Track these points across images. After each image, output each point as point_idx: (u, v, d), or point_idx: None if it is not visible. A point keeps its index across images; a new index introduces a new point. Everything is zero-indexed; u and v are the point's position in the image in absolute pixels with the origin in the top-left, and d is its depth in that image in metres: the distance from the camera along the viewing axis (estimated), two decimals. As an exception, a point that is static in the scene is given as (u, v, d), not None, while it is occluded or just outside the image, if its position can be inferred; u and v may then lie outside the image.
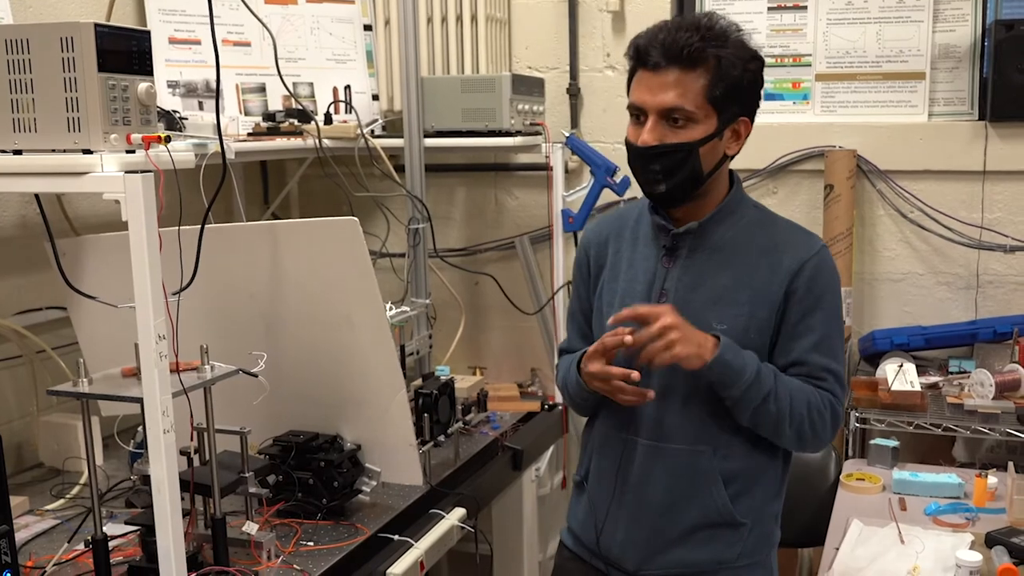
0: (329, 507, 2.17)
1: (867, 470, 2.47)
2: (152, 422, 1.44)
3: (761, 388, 1.73)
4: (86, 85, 1.39)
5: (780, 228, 1.87)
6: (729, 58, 1.72)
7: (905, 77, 3.10)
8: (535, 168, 3.48)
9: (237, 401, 1.97)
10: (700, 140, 1.73)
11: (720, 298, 1.81)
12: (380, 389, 2.24)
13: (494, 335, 3.66)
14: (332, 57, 3.39)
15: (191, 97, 3.12)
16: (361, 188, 3.25)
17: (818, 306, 1.79)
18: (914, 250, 3.12)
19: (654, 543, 1.87)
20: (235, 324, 2.21)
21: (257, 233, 2.17)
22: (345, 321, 2.19)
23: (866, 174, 3.11)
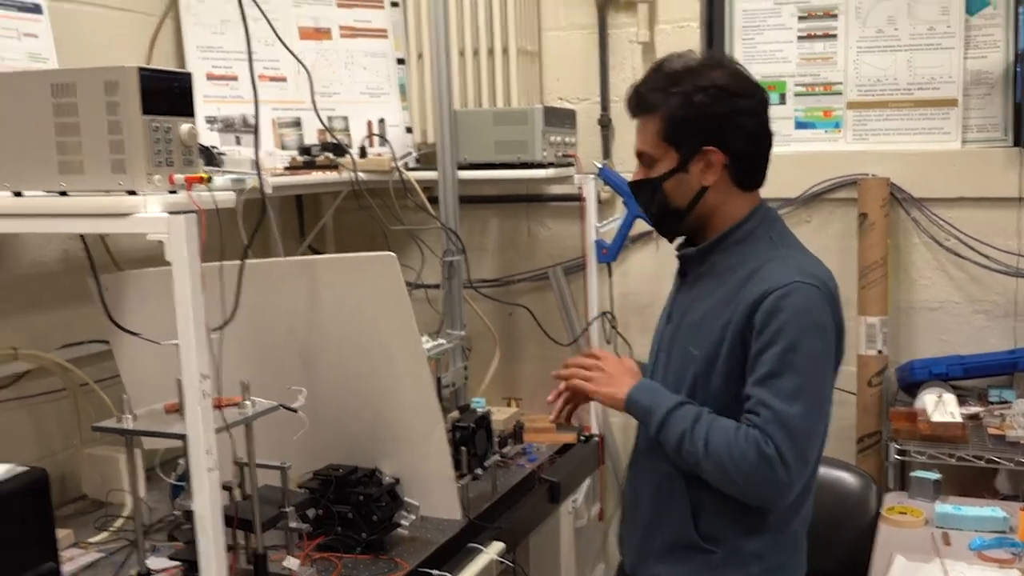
0: (368, 541, 2.16)
1: (908, 503, 2.42)
2: (196, 460, 1.43)
3: (674, 429, 1.80)
4: (130, 127, 1.40)
5: (771, 260, 1.81)
6: (674, 98, 1.82)
7: (937, 104, 3.07)
8: (567, 199, 3.46)
9: (276, 435, 1.96)
10: (661, 176, 1.86)
11: (700, 324, 1.86)
12: (418, 423, 2.22)
13: (528, 366, 3.64)
14: (366, 91, 3.41)
15: (228, 132, 3.14)
16: (396, 220, 3.25)
17: (774, 341, 1.72)
18: (950, 278, 3.08)
19: (643, 551, 1.99)
20: (274, 359, 2.20)
21: (295, 269, 2.17)
22: (383, 355, 2.18)
23: (900, 202, 3.08)
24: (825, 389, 1.77)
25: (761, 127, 1.87)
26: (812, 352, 1.72)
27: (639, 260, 3.45)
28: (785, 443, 1.68)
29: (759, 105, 1.86)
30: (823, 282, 1.77)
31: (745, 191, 1.89)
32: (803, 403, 1.70)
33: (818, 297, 1.74)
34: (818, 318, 1.74)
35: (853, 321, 2.97)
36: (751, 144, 1.85)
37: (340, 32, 3.34)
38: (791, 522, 1.86)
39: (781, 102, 3.23)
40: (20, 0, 2.36)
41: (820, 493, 2.04)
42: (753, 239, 1.86)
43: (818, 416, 1.75)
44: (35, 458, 2.52)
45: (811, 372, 1.72)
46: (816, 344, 1.73)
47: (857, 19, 3.13)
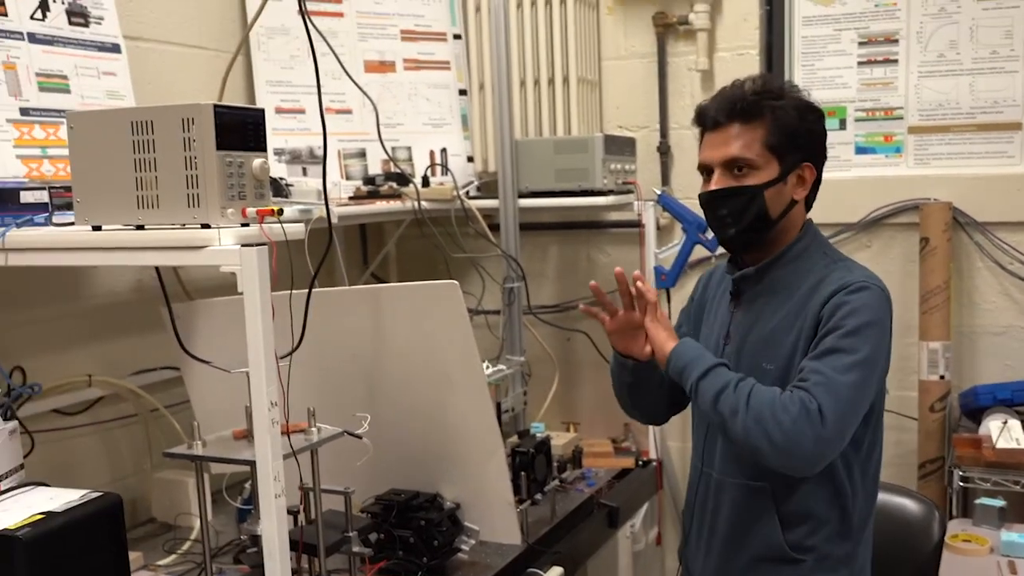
0: (429, 566, 2.18)
1: (972, 531, 2.38)
2: (264, 486, 1.46)
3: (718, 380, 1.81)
4: (205, 163, 1.44)
5: (835, 270, 1.88)
6: (785, 108, 1.88)
7: (1000, 128, 3.03)
8: (626, 225, 3.47)
9: (339, 460, 1.99)
10: (764, 184, 1.87)
11: (769, 339, 1.89)
12: (479, 448, 2.24)
13: (587, 390, 3.64)
14: (428, 121, 3.46)
15: (296, 164, 3.21)
16: (457, 247, 3.29)
17: (839, 326, 1.77)
18: (1015, 302, 3.02)
19: (723, 570, 1.97)
20: (338, 384, 2.24)
21: (361, 297, 2.22)
22: (445, 381, 2.20)
23: (963, 226, 3.03)
24: (876, 378, 1.81)
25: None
26: (872, 340, 1.77)
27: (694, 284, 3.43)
28: (829, 403, 1.70)
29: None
30: (884, 287, 1.85)
31: (807, 210, 1.97)
32: (852, 376, 1.74)
33: (883, 299, 1.82)
34: (882, 315, 1.80)
35: (915, 347, 2.94)
36: (822, 163, 1.95)
37: (404, 65, 3.40)
38: (870, 519, 1.90)
39: (841, 127, 3.21)
40: (100, 40, 2.44)
41: (882, 520, 2.06)
42: (808, 255, 1.92)
43: (861, 395, 1.77)
44: (107, 482, 2.59)
45: (867, 356, 1.76)
46: (876, 336, 1.78)
47: (918, 43, 3.10)
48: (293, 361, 1.84)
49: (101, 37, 2.46)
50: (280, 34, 3.18)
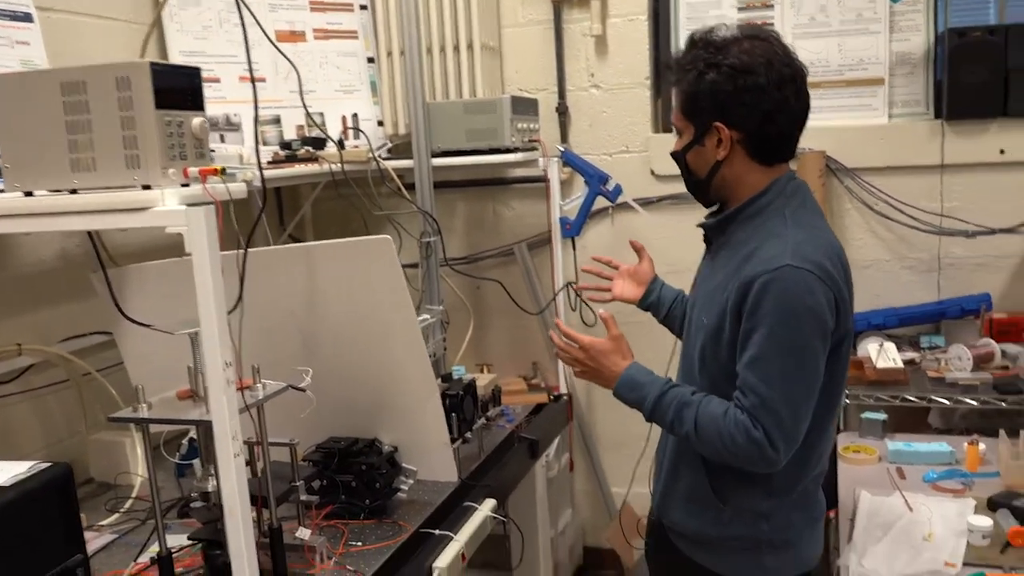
0: (372, 507, 2.06)
1: (860, 442, 2.39)
2: (222, 446, 1.31)
3: (663, 418, 1.73)
4: (144, 123, 1.27)
5: (774, 237, 1.64)
6: (690, 74, 1.70)
7: (866, 83, 3.03)
8: (528, 180, 3.38)
9: (280, 414, 1.85)
10: (683, 148, 1.76)
11: (711, 296, 1.74)
12: (414, 394, 2.13)
13: (498, 334, 3.55)
14: (340, 88, 3.27)
15: (213, 131, 2.99)
16: (375, 207, 3.13)
17: (760, 324, 1.58)
18: (879, 239, 3.05)
19: (665, 499, 1.89)
20: (276, 341, 2.08)
21: (295, 255, 2.05)
22: (381, 332, 2.07)
23: (834, 172, 3.03)
24: (812, 370, 1.61)
25: (777, 103, 1.65)
26: (797, 338, 1.57)
27: (596, 234, 3.37)
28: (773, 428, 1.58)
29: (775, 82, 1.65)
30: (817, 265, 1.58)
31: (765, 165, 1.71)
32: (787, 386, 1.58)
33: (808, 280, 1.56)
34: (807, 302, 1.56)
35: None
36: (764, 121, 1.66)
37: (314, 34, 3.20)
38: (799, 483, 1.74)
39: (722, 85, 3.16)
40: (12, 9, 2.19)
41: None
42: (767, 213, 1.69)
43: (804, 396, 1.61)
44: (42, 447, 2.40)
45: (794, 358, 1.58)
46: (801, 329, 1.57)
47: (792, 7, 3.07)
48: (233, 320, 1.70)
49: (13, 6, 2.21)
50: (192, 5, 2.95)
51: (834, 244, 1.69)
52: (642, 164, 3.30)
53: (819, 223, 1.73)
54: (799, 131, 1.74)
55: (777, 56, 1.68)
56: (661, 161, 3.24)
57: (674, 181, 3.21)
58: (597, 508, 3.59)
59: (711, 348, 1.72)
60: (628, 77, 3.27)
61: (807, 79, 1.73)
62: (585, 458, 3.55)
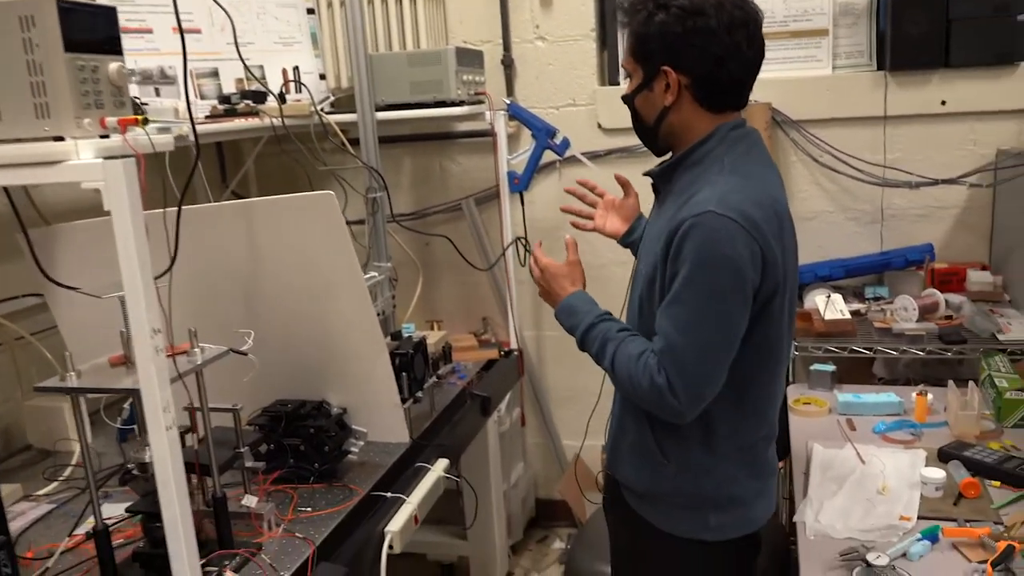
0: (321, 471, 1.94)
1: (810, 394, 2.32)
2: (153, 419, 1.18)
3: (589, 349, 1.67)
4: (52, 67, 1.11)
5: (708, 184, 1.52)
6: (639, 15, 1.59)
7: (810, 34, 2.92)
8: (476, 135, 3.23)
9: (224, 377, 1.71)
10: (632, 92, 1.65)
11: (650, 243, 1.64)
12: (362, 354, 2.00)
13: (447, 290, 3.43)
14: (279, 40, 3.07)
15: (147, 84, 2.78)
16: (317, 162, 2.97)
17: (679, 269, 1.48)
18: (824, 190, 2.97)
19: (614, 452, 1.80)
20: (217, 303, 1.94)
21: (234, 212, 1.90)
22: (326, 291, 1.94)
23: (780, 124, 2.94)
24: (725, 322, 1.49)
25: (728, 48, 1.52)
26: (712, 286, 1.47)
27: (544, 188, 3.24)
28: (676, 375, 1.49)
29: (726, 25, 1.51)
30: (742, 214, 1.45)
31: (713, 112, 1.58)
32: (695, 336, 1.49)
33: (729, 229, 1.44)
34: (725, 251, 1.44)
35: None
36: (713, 66, 1.53)
37: (251, -17, 2.98)
38: (742, 441, 1.64)
39: (668, 37, 3.04)
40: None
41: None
42: (708, 161, 1.57)
43: (714, 346, 1.50)
44: (-26, 413, 2.22)
45: (707, 306, 1.48)
46: (717, 278, 1.46)
47: (737, -44, 2.94)
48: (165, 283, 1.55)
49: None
50: (120, -49, 2.71)
51: (771, 194, 1.56)
52: (589, 117, 3.17)
53: (760, 172, 1.60)
54: (751, 79, 1.62)
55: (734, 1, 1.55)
56: (608, 114, 3.12)
57: (622, 134, 3.11)
58: (549, 461, 3.51)
59: (647, 296, 1.62)
60: (574, 29, 3.13)
61: (761, 25, 1.59)
62: (536, 412, 3.46)
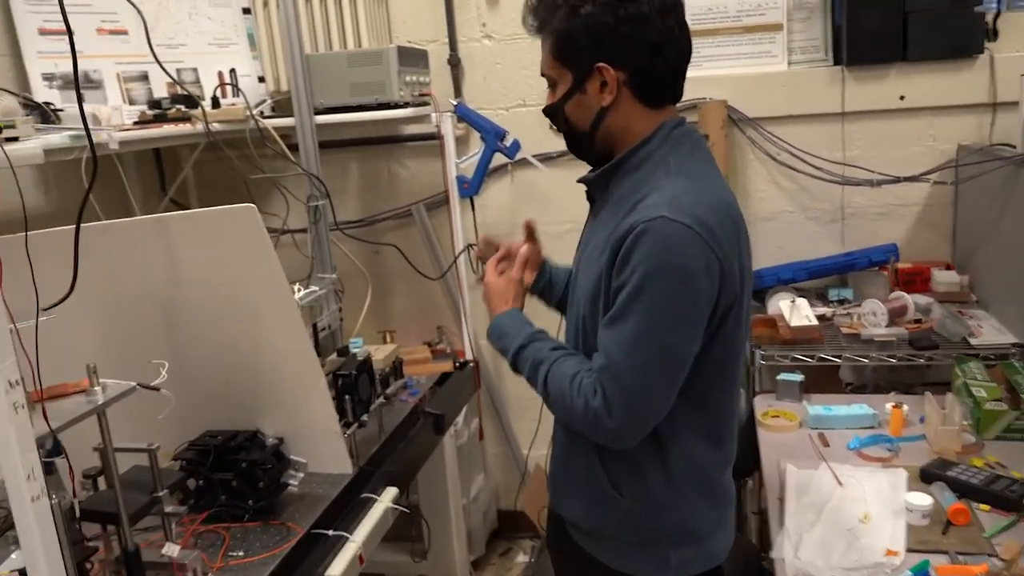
0: (256, 508, 1.70)
1: (779, 405, 2.13)
2: (15, 492, 0.93)
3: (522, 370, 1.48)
4: None
5: (655, 189, 1.33)
6: (562, 7, 1.37)
7: (764, 29, 2.74)
8: (423, 138, 3.00)
9: (144, 411, 1.47)
10: (561, 99, 1.42)
11: (590, 257, 1.44)
12: (297, 378, 1.76)
13: (399, 299, 3.19)
14: (214, 42, 2.82)
15: (70, 89, 2.52)
16: (256, 170, 2.72)
17: (625, 283, 1.29)
18: (782, 189, 2.79)
19: (559, 487, 1.57)
20: (133, 328, 1.69)
21: (147, 228, 1.65)
22: (252, 311, 1.70)
23: (736, 122, 2.75)
24: (674, 341, 1.31)
25: (663, 34, 1.34)
26: (662, 299, 1.27)
27: (496, 192, 3.02)
28: (614, 396, 1.31)
29: (658, 10, 1.33)
30: (697, 219, 1.27)
31: (653, 108, 1.39)
32: (639, 354, 1.29)
33: (683, 236, 1.26)
34: (676, 261, 1.26)
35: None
36: (650, 55, 1.34)
37: (180, -19, 2.72)
38: (701, 470, 1.44)
39: (619, 34, 2.83)
40: None
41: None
42: (651, 164, 1.38)
43: (661, 368, 1.31)
44: None
45: (654, 321, 1.28)
46: (668, 290, 1.27)
47: (689, -51, 2.74)
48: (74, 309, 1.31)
49: None
50: (37, -54, 2.44)
51: (724, 197, 1.38)
52: (540, 118, 2.88)
53: (709, 173, 1.42)
54: (686, 67, 1.42)
55: None
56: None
57: (574, 135, 2.91)
58: (509, 471, 3.30)
59: (590, 315, 1.41)
60: (522, 27, 2.90)
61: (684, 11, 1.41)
62: (495, 423, 3.24)
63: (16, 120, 1.83)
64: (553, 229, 2.95)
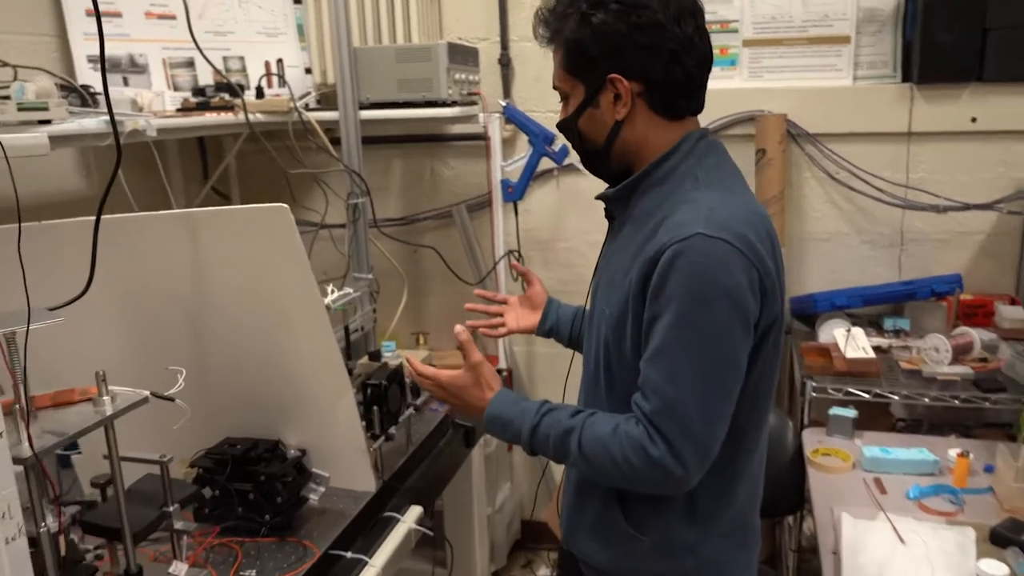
0: (272, 523, 1.57)
1: (829, 442, 1.94)
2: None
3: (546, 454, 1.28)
4: None
5: (685, 203, 1.20)
6: (570, 20, 1.24)
7: (831, 41, 2.54)
8: (469, 138, 2.85)
9: (162, 415, 1.34)
10: (573, 113, 1.29)
11: (612, 279, 1.29)
12: (324, 389, 1.62)
13: (435, 300, 3.04)
14: (262, 31, 2.69)
15: (114, 72, 2.40)
16: (297, 162, 2.58)
17: (665, 309, 1.15)
18: (839, 210, 2.59)
19: (572, 525, 1.42)
20: (154, 327, 1.56)
21: (173, 224, 1.51)
22: (280, 317, 1.56)
23: (794, 137, 2.56)
24: (729, 365, 1.17)
25: (680, 41, 1.22)
26: (710, 323, 1.14)
27: (540, 196, 2.86)
28: (680, 438, 1.15)
29: (674, 17, 1.21)
30: (738, 233, 1.15)
31: (672, 120, 1.27)
32: (698, 388, 1.15)
33: (724, 253, 1.13)
34: (722, 280, 1.13)
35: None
36: (668, 64, 1.22)
37: (231, -33, 2.59)
38: (730, 507, 1.30)
39: (677, 41, 2.65)
40: None
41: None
42: (676, 177, 1.25)
43: (721, 398, 1.17)
44: None
45: (707, 349, 1.15)
46: (715, 313, 1.14)
47: (755, -45, 2.55)
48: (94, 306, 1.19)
49: None
50: (88, -74, 2.32)
51: (758, 211, 1.24)
52: None
53: (739, 185, 1.28)
54: (707, 76, 1.28)
55: None
56: (610, 121, 2.73)
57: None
58: (536, 480, 3.13)
59: (614, 343, 1.27)
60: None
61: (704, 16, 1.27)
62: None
63: (50, 103, 1.72)
64: (596, 238, 2.77)
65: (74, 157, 2.42)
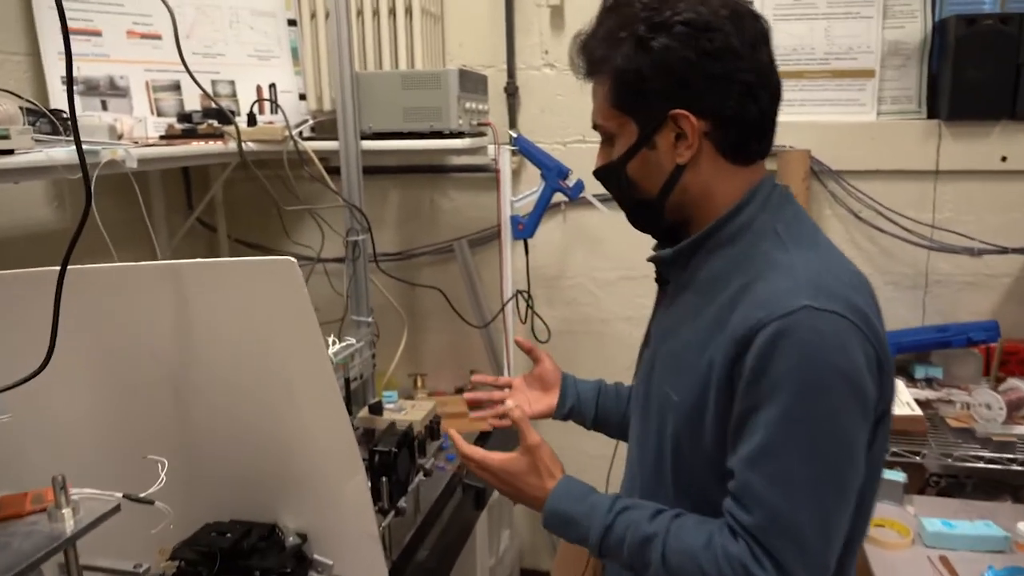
0: (268, 625, 1.26)
1: (883, 512, 1.68)
2: None
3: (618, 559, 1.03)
4: None
5: (773, 268, 0.96)
6: (623, 46, 1.00)
7: (854, 75, 2.30)
8: (472, 169, 2.58)
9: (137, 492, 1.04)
10: (623, 156, 1.04)
11: (679, 357, 1.03)
12: (330, 467, 1.32)
13: (432, 338, 2.75)
14: (254, 53, 2.39)
15: (92, 95, 2.09)
16: (290, 193, 2.29)
17: (769, 399, 0.90)
18: (861, 250, 2.35)
19: None
20: (136, 396, 1.25)
21: (158, 276, 1.20)
22: (281, 384, 1.25)
23: (816, 174, 2.32)
24: (847, 466, 0.92)
25: (756, 72, 0.99)
26: (828, 416, 0.90)
27: (546, 231, 2.57)
28: (791, 560, 0.89)
29: (750, 42, 0.98)
30: (849, 304, 0.91)
31: (741, 165, 1.03)
32: (816, 497, 0.90)
33: (839, 329, 0.90)
34: (839, 363, 0.89)
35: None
36: (741, 98, 0.98)
37: (222, -15, 2.30)
38: None
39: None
40: None
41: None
42: (751, 235, 1.01)
43: (840, 506, 0.92)
44: None
45: (827, 446, 0.90)
46: (833, 403, 0.90)
47: (778, -17, 2.31)
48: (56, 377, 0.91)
49: None
50: (65, -63, 2.01)
51: (857, 271, 1.00)
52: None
53: (827, 243, 1.03)
54: (777, 113, 1.04)
55: (740, 5, 1.00)
56: (621, 154, 2.47)
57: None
58: (536, 528, 2.85)
59: (688, 435, 1.00)
60: (586, 58, 2.47)
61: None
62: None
63: (12, 130, 1.41)
64: (604, 275, 2.54)
65: (44, 186, 2.10)
